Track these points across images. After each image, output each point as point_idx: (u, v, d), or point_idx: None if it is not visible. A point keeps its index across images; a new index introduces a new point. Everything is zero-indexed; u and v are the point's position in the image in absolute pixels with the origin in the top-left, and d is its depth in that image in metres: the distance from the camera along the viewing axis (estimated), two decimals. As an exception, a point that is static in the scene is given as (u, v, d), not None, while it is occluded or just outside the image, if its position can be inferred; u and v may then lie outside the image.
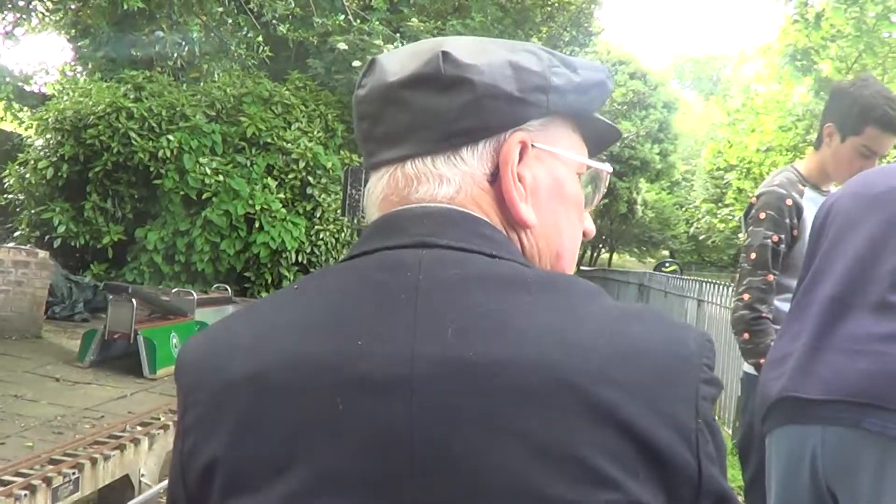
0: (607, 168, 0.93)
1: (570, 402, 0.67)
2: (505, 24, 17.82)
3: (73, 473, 4.49)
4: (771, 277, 2.76)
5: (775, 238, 2.78)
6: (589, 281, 0.82)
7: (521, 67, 0.82)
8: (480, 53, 0.82)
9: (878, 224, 2.05)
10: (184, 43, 11.54)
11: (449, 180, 0.81)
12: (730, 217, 30.62)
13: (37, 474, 4.30)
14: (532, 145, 0.83)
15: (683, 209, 41.02)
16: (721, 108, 39.48)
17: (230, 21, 12.39)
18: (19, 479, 4.18)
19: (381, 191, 0.84)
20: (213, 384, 0.75)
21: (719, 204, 35.00)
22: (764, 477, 2.28)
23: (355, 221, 8.27)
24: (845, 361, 1.98)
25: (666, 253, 44.39)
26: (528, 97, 0.82)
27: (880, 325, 1.95)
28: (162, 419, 5.97)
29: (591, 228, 0.94)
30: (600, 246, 56.52)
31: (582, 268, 46.29)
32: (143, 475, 5.16)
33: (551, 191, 0.86)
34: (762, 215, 2.82)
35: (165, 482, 4.66)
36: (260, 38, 12.94)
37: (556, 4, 21.62)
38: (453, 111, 0.80)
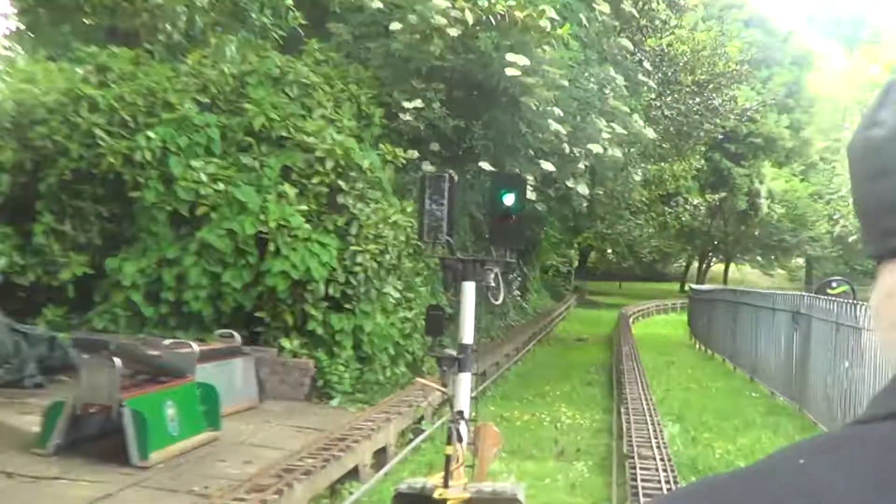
0: None
1: None
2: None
3: None
4: None
5: None
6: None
7: None
8: None
9: None
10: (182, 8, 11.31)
11: None
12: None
13: None
14: None
15: (824, 201, 40.40)
16: (872, 61, 38.90)
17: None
18: None
19: None
20: None
21: (875, 192, 34.42)
22: None
23: (437, 249, 7.90)
24: None
25: (801, 261, 44.46)
26: None
27: None
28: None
29: None
30: (710, 255, 55.82)
31: (692, 286, 45.81)
32: None
33: None
34: None
35: None
36: (290, 1, 12.64)
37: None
38: None
